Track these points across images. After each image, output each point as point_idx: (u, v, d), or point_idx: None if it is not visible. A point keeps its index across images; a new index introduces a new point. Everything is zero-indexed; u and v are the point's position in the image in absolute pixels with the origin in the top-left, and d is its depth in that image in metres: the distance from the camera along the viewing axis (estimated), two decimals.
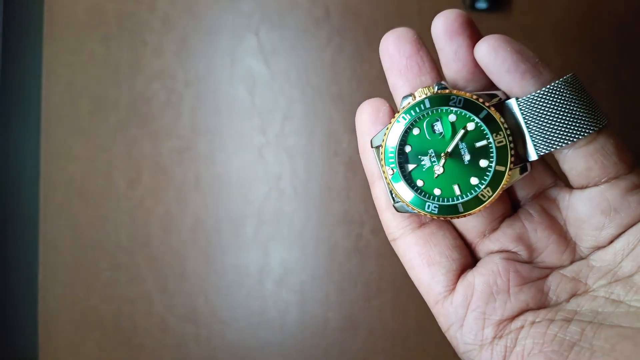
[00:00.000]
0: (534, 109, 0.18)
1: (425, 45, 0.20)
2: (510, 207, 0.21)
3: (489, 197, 0.19)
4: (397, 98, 0.21)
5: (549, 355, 0.17)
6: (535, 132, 0.19)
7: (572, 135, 0.18)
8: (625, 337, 0.16)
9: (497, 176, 0.19)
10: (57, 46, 0.42)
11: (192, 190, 0.40)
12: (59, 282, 0.41)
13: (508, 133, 0.19)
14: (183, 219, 0.40)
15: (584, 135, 0.18)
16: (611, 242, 0.19)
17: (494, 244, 0.20)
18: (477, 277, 0.19)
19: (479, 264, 0.20)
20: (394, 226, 0.21)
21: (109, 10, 0.41)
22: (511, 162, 0.19)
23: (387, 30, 0.21)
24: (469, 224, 0.20)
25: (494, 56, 0.18)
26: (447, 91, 0.19)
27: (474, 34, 0.19)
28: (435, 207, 0.19)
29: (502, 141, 0.19)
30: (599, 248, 0.19)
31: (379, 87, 0.39)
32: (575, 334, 0.17)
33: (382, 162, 0.20)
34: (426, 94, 0.19)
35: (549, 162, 0.20)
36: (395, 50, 0.20)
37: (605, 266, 0.19)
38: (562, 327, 0.17)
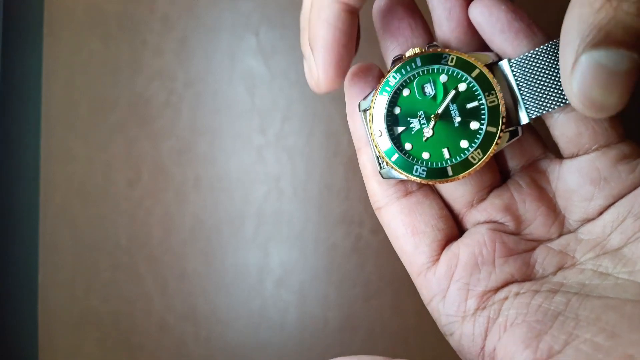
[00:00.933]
0: (527, 70, 0.18)
1: (419, 9, 0.20)
2: (499, 177, 0.20)
3: (479, 159, 0.18)
4: (388, 61, 0.20)
5: (532, 324, 0.17)
6: (527, 94, 0.18)
7: (565, 97, 0.17)
8: (611, 307, 0.16)
9: (489, 138, 0.18)
10: (57, 46, 0.42)
11: (192, 190, 0.40)
12: (59, 282, 0.41)
13: (500, 93, 0.18)
14: (183, 219, 0.40)
15: None
16: (600, 214, 0.18)
17: (481, 214, 0.20)
18: (462, 248, 0.19)
19: (464, 235, 0.20)
20: (379, 194, 0.20)
21: (109, 10, 0.41)
22: (503, 123, 0.18)
23: None
24: (457, 193, 0.20)
25: (488, 15, 0.18)
26: (439, 50, 0.19)
27: None
28: (423, 170, 0.19)
29: (494, 101, 0.18)
30: (588, 221, 0.19)
31: None
32: (560, 304, 0.17)
33: (370, 125, 0.19)
34: (417, 53, 0.19)
35: (539, 133, 0.20)
36: (387, 12, 0.20)
37: (594, 239, 0.18)
38: (547, 297, 0.17)
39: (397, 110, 0.19)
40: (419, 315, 0.38)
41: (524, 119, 0.18)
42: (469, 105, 0.19)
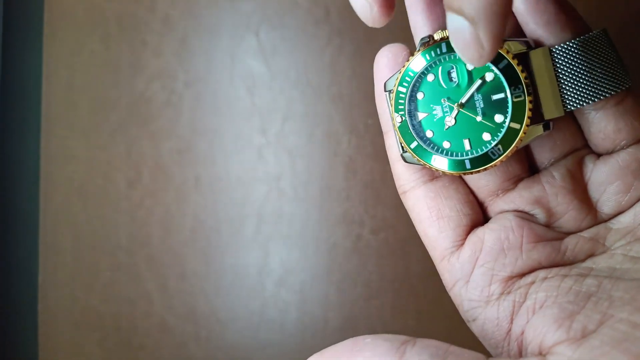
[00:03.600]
0: (569, 59, 0.17)
1: None
2: (527, 167, 0.19)
3: (499, 155, 0.17)
4: (416, 39, 0.19)
5: (563, 305, 0.16)
6: (567, 85, 0.17)
7: (606, 90, 0.17)
8: None
9: (511, 134, 0.17)
10: (57, 46, 0.42)
11: (192, 190, 0.40)
12: (59, 283, 0.41)
13: (528, 88, 0.17)
14: (183, 219, 0.40)
15: (617, 90, 0.17)
16: (632, 205, 0.18)
17: (507, 204, 0.19)
18: (487, 233, 0.18)
19: (491, 220, 0.19)
20: (405, 178, 0.20)
21: (109, 10, 0.41)
22: (528, 119, 0.17)
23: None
24: (480, 182, 0.19)
25: (534, 5, 0.17)
26: None
27: None
28: (442, 160, 0.18)
29: (520, 96, 0.17)
30: (620, 212, 0.18)
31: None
32: (592, 286, 0.16)
33: (392, 109, 0.19)
34: (445, 36, 0.18)
35: (579, 123, 0.19)
36: None
37: (624, 227, 0.18)
38: (578, 280, 0.17)
39: (420, 96, 0.18)
40: (420, 315, 0.38)
41: (559, 112, 0.18)
42: (495, 97, 0.18)
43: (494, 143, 0.17)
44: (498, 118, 0.17)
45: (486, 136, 0.18)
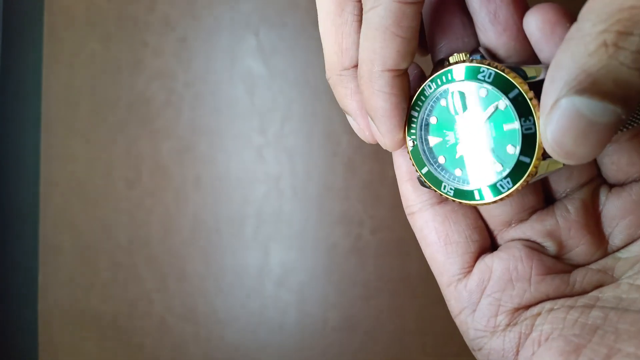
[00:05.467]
0: None
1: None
2: (542, 199, 0.19)
3: (508, 189, 0.17)
4: (435, 59, 0.19)
5: (569, 338, 0.16)
6: None
7: (622, 125, 0.16)
8: None
9: (520, 167, 0.16)
10: (57, 46, 0.42)
11: (192, 190, 0.40)
12: (59, 282, 0.41)
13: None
14: (183, 219, 0.40)
15: (633, 125, 0.16)
16: None
17: (518, 234, 0.19)
18: (496, 261, 0.18)
19: (500, 248, 0.19)
20: (413, 199, 0.19)
21: (109, 10, 0.41)
22: (540, 154, 0.16)
23: None
24: (494, 211, 0.19)
25: (550, 33, 0.16)
26: (480, 62, 0.17)
27: None
28: (451, 188, 0.18)
29: (530, 128, 0.16)
30: (629, 244, 0.18)
31: None
32: (598, 319, 0.16)
33: (404, 132, 0.18)
34: (459, 60, 0.17)
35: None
36: (439, 6, 0.18)
37: (634, 257, 0.18)
38: (584, 312, 0.16)
39: (433, 120, 0.18)
40: (418, 315, 0.38)
41: None
42: (507, 127, 0.17)
43: (504, 174, 0.17)
44: (510, 149, 0.17)
45: (497, 167, 0.17)
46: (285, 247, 0.39)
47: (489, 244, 0.19)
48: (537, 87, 0.16)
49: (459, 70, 0.17)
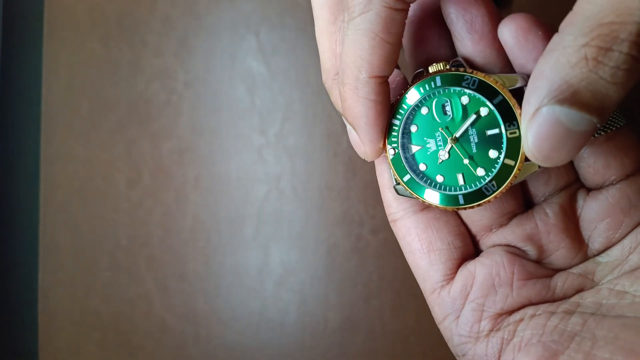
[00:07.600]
0: None
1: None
2: (522, 203, 0.19)
3: (493, 192, 0.17)
4: (412, 70, 0.19)
5: (547, 344, 0.16)
6: None
7: (599, 129, 0.17)
8: (629, 326, 0.16)
9: (505, 170, 0.17)
10: (57, 46, 0.42)
11: (192, 190, 0.40)
12: (59, 282, 0.41)
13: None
14: (183, 219, 0.40)
15: (609, 130, 0.17)
16: (621, 239, 0.18)
17: (499, 239, 0.19)
18: (478, 268, 0.18)
19: (482, 254, 0.19)
20: (395, 206, 0.20)
21: (109, 10, 0.41)
22: (523, 156, 0.17)
23: None
24: (474, 217, 0.19)
25: (523, 41, 0.17)
26: (462, 70, 0.17)
27: (491, 4, 0.17)
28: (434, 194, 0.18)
29: (515, 132, 0.17)
30: (609, 247, 0.18)
31: None
32: (576, 325, 0.16)
33: (384, 141, 0.19)
34: (439, 70, 0.17)
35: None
36: (415, 21, 0.19)
37: (613, 261, 0.18)
38: (564, 319, 0.17)
39: (414, 129, 0.18)
40: (419, 316, 0.38)
41: None
42: (489, 132, 0.17)
43: (488, 179, 0.17)
44: (492, 154, 0.17)
45: (480, 171, 0.18)
46: (285, 247, 0.39)
47: (471, 250, 0.19)
48: (519, 94, 0.17)
49: (441, 78, 0.17)
